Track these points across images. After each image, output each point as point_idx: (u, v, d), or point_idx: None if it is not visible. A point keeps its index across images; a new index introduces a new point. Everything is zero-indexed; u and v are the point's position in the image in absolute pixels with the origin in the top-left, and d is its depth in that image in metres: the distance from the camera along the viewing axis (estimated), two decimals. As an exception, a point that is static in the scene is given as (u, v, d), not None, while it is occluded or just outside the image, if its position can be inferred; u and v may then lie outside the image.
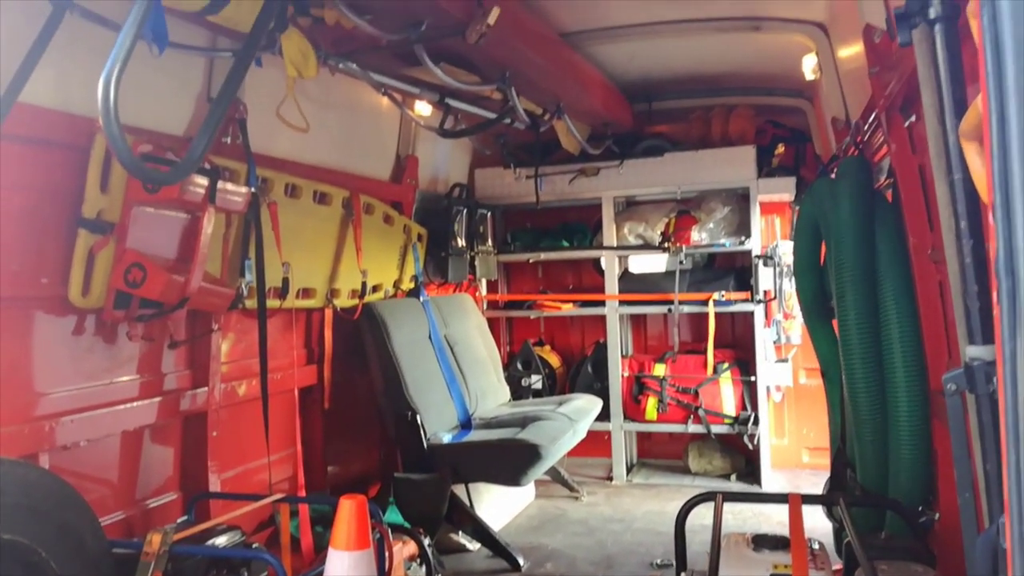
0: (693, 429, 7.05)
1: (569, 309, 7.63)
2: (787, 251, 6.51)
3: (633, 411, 7.24)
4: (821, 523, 4.39)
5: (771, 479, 6.92)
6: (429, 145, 6.50)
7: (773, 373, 7.08)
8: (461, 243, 6.96)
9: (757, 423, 6.85)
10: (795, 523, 2.92)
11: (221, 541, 3.37)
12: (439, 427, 5.52)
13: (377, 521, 3.64)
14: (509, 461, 5.13)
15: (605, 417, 6.99)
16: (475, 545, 5.45)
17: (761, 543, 3.01)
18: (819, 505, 4.03)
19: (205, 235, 3.68)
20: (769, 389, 7.19)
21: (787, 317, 7.05)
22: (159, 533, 3.00)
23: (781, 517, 3.83)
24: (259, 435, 4.32)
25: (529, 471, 5.11)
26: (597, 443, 7.18)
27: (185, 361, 4.30)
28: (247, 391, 4.60)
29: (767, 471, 6.92)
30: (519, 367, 7.53)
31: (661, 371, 7.17)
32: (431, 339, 6.01)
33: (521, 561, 5.20)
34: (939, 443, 3.13)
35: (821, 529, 4.31)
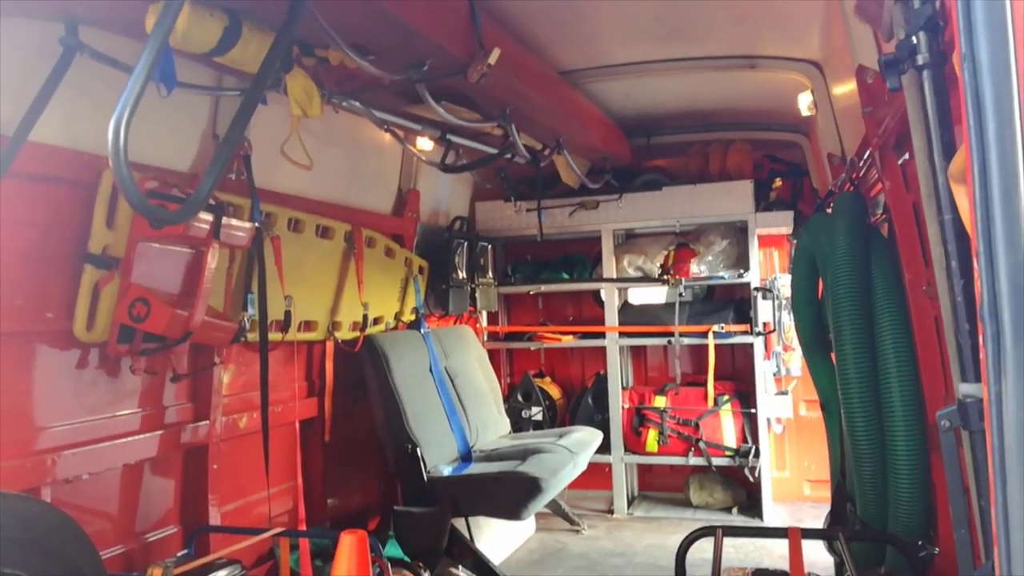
0: (694, 461, 7.04)
1: (569, 341, 7.65)
2: (786, 284, 6.56)
3: (634, 443, 7.23)
4: (822, 557, 4.37)
5: (773, 512, 6.90)
6: (430, 179, 6.57)
7: (773, 405, 7.09)
8: (462, 275, 7.00)
9: (758, 456, 6.85)
10: (795, 558, 2.93)
11: (221, 575, 3.37)
12: (439, 459, 5.52)
13: (377, 555, 3.64)
14: (509, 494, 5.12)
15: (606, 449, 7.00)
16: (475, 579, 5.42)
17: (761, 578, 3.01)
18: (819, 539, 4.02)
19: (209, 270, 3.72)
20: (770, 421, 7.19)
21: (787, 349, 7.07)
22: (160, 567, 3.01)
23: (783, 551, 3.82)
24: (259, 468, 4.32)
25: (529, 504, 5.10)
26: (598, 476, 7.16)
27: (187, 394, 4.32)
28: (248, 424, 4.61)
29: (769, 504, 6.89)
30: (519, 399, 7.55)
31: (662, 403, 7.18)
32: (432, 371, 6.03)
33: (521, 596, 5.18)
34: (938, 477, 3.14)
35: (822, 563, 4.30)
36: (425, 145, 5.44)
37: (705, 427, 7.00)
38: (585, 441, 6.18)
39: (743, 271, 6.99)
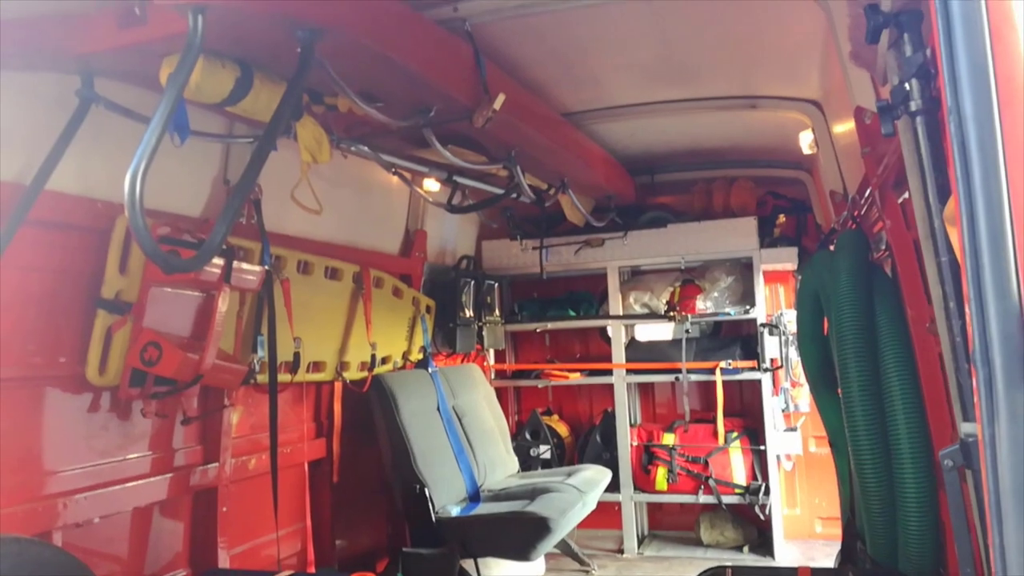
0: (704, 499, 6.99)
1: (577, 378, 7.64)
2: (792, 319, 6.56)
3: (643, 481, 7.19)
4: (834, 596, 4.34)
5: (784, 550, 6.83)
6: (437, 219, 6.65)
7: (783, 442, 7.05)
8: (469, 314, 7.04)
9: (768, 493, 6.80)
10: (805, 598, 2.92)
11: (230, 620, 3.37)
12: (447, 500, 5.50)
13: (386, 598, 3.63)
14: (518, 534, 5.09)
15: (615, 488, 6.97)
16: (484, 621, 5.37)
17: (772, 618, 3.00)
18: (830, 578, 4.00)
19: (220, 313, 3.77)
20: (779, 458, 7.14)
21: (795, 385, 7.05)
22: (169, 612, 3.01)
23: (793, 591, 3.80)
24: (268, 510, 4.33)
25: (538, 544, 5.07)
26: (607, 514, 7.10)
27: (196, 436, 4.34)
28: (257, 465, 4.63)
29: (780, 542, 6.83)
30: (527, 437, 7.52)
31: (670, 440, 7.15)
32: (439, 410, 6.04)
33: (531, 638, 5.13)
34: (947, 514, 3.12)
35: (834, 603, 4.26)
36: (432, 187, 5.52)
37: (715, 464, 6.96)
38: (594, 480, 6.16)
39: (749, 307, 7.00)
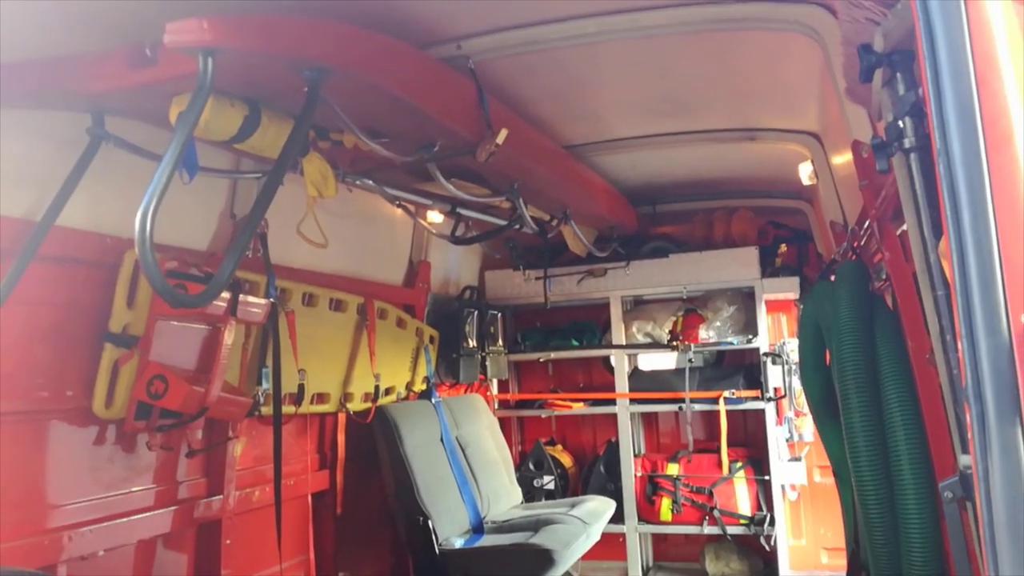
0: (709, 530, 6.95)
1: (580, 408, 7.64)
2: (795, 348, 6.57)
3: (647, 512, 7.16)
4: (841, 629, 4.31)
5: (790, 581, 6.78)
6: (441, 250, 6.69)
7: (787, 472, 7.01)
8: (472, 344, 7.06)
9: (773, 524, 6.76)
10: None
11: (234, 654, 3.36)
12: (451, 532, 5.49)
13: (390, 632, 3.62)
14: (522, 567, 5.07)
15: (619, 519, 6.92)
16: (488, 655, 5.33)
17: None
18: (836, 610, 3.97)
19: (225, 347, 3.81)
20: (784, 488, 7.11)
21: (798, 415, 7.03)
22: (174, 647, 3.01)
23: (798, 624, 3.78)
24: (272, 542, 4.33)
25: (542, 577, 5.05)
26: (612, 546, 7.06)
27: (201, 469, 4.36)
28: (261, 497, 4.63)
29: (786, 573, 6.77)
30: (531, 467, 7.50)
31: (674, 470, 7.12)
32: (443, 441, 6.04)
33: (536, 672, 5.08)
34: (950, 545, 3.12)
35: (841, 635, 4.23)
36: (436, 218, 5.57)
37: (719, 495, 6.93)
38: (598, 511, 6.14)
39: (752, 336, 7.02)
